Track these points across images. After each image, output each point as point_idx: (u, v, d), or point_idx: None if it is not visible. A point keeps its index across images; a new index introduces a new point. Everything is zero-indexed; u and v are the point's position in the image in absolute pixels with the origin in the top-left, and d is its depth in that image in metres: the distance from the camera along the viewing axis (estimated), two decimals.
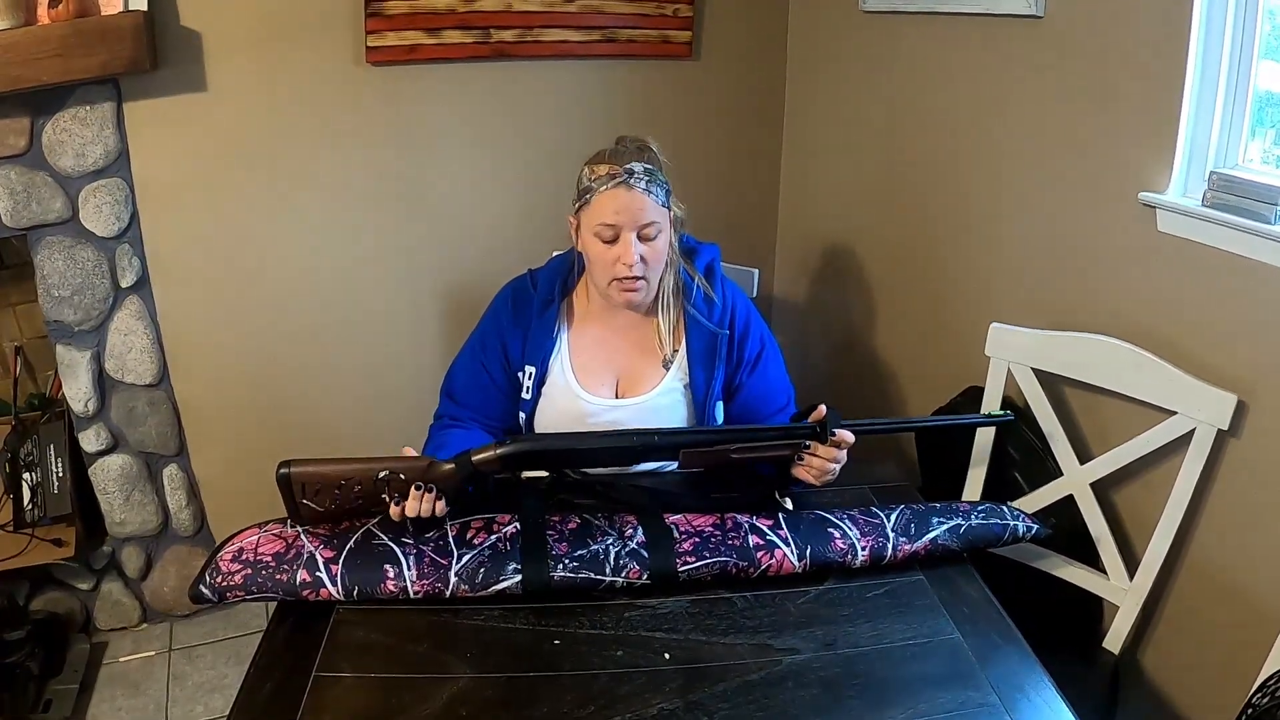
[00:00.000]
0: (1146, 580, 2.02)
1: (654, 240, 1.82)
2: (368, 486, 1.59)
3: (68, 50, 2.29)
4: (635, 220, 1.80)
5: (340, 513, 1.62)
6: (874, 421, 1.86)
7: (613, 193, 1.80)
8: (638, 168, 1.80)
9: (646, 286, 1.87)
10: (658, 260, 1.85)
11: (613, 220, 1.80)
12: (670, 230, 1.88)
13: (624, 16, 2.93)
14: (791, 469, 1.73)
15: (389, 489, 1.59)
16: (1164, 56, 1.95)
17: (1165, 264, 2.03)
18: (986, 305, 2.47)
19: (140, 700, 2.68)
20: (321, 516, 1.61)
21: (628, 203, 1.79)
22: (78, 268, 2.58)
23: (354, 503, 1.60)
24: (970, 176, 2.55)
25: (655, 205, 1.81)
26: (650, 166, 1.83)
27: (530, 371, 1.94)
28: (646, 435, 1.65)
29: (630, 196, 1.79)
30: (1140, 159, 2.04)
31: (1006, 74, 2.38)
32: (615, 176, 1.80)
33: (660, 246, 1.84)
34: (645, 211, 1.80)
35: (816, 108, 3.18)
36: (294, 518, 1.62)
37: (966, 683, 1.43)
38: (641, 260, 1.81)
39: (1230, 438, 1.91)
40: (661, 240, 1.84)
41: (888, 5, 2.73)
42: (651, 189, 1.81)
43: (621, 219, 1.80)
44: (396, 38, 2.70)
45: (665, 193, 1.84)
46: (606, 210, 1.80)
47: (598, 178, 1.81)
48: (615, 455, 1.67)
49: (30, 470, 2.71)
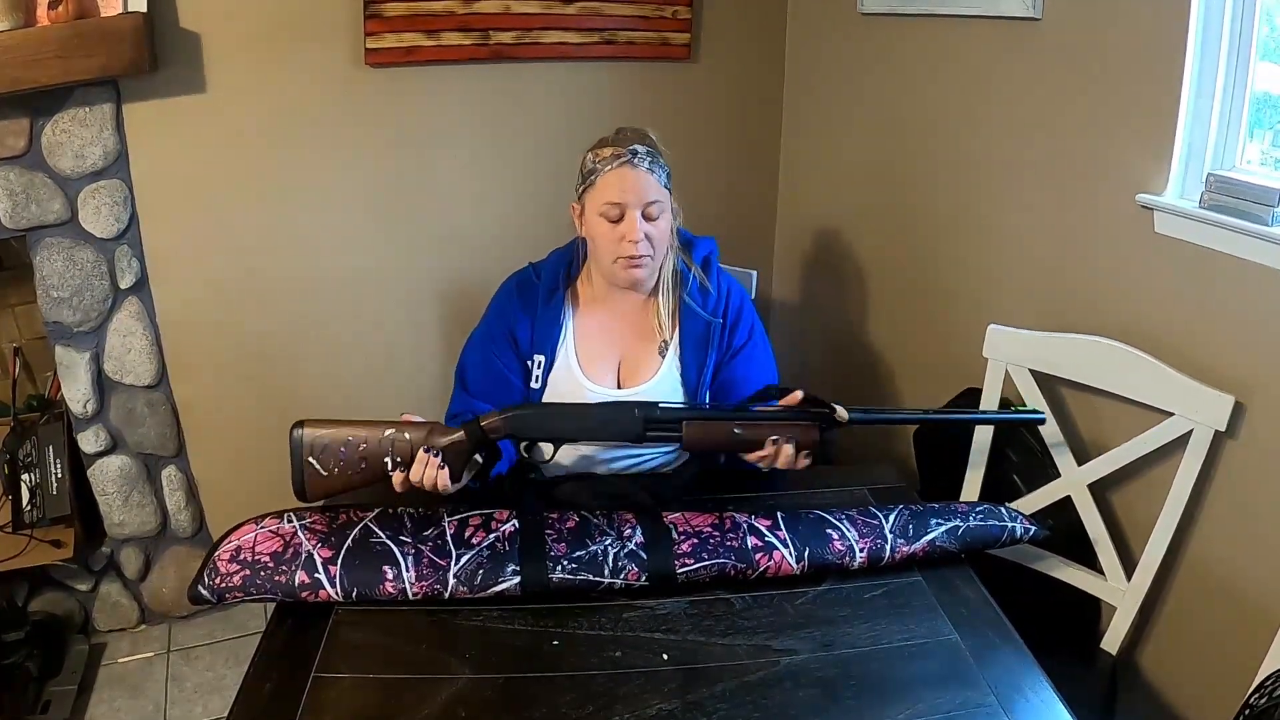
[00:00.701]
0: (1144, 581, 2.03)
1: (657, 220, 1.86)
2: (373, 447, 1.60)
3: (67, 52, 2.30)
4: (640, 198, 1.83)
5: (343, 480, 1.62)
6: (897, 412, 1.86)
7: (618, 172, 1.83)
8: (640, 149, 1.85)
9: (651, 264, 1.90)
10: (661, 239, 1.88)
11: (618, 198, 1.83)
12: (671, 214, 1.91)
13: (623, 19, 2.93)
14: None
15: (393, 451, 1.60)
16: (1162, 58, 1.96)
17: (1162, 265, 2.03)
18: (984, 307, 2.47)
19: (139, 701, 2.68)
20: (325, 483, 1.62)
21: (634, 181, 1.83)
22: (77, 269, 2.58)
23: (359, 466, 1.61)
24: (968, 178, 2.56)
25: (658, 185, 1.86)
26: (652, 149, 1.87)
27: (540, 360, 1.96)
28: (648, 407, 1.67)
29: (635, 175, 1.83)
30: (1138, 161, 2.05)
31: (1005, 76, 2.38)
32: (620, 156, 1.84)
33: (663, 227, 1.87)
34: (649, 189, 1.84)
35: (815, 110, 3.18)
36: (297, 487, 1.63)
37: (964, 683, 1.43)
38: (646, 239, 1.84)
39: (1227, 439, 1.92)
40: (664, 221, 1.87)
41: (886, 7, 2.74)
42: (654, 169, 1.85)
43: (627, 197, 1.83)
44: (395, 39, 2.71)
45: (667, 175, 1.89)
46: (612, 189, 1.84)
47: (602, 159, 1.85)
48: (619, 430, 1.68)
49: (29, 471, 2.71)
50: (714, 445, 1.74)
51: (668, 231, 1.89)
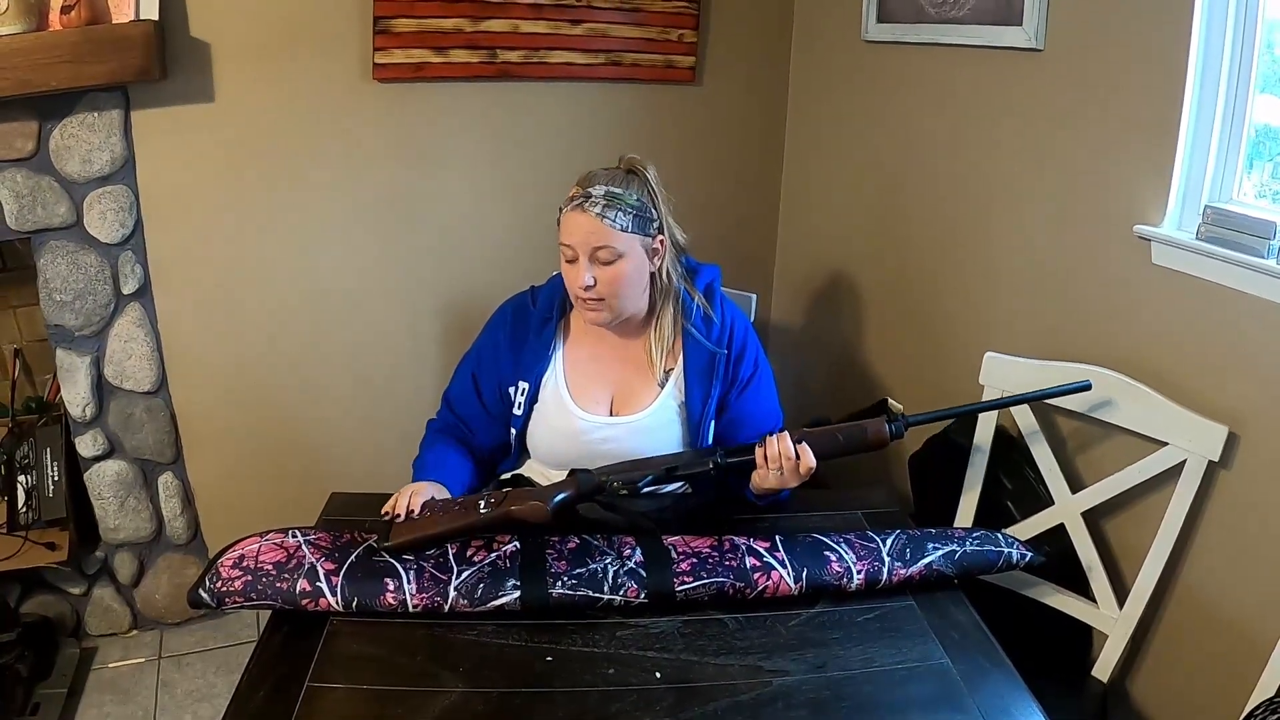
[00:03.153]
0: (1136, 609, 2.04)
1: (610, 264, 1.82)
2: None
3: (78, 57, 2.31)
4: (587, 243, 1.81)
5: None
6: (937, 413, 1.87)
7: (570, 214, 1.83)
8: (597, 191, 1.81)
9: (606, 309, 1.87)
10: (614, 284, 1.84)
11: (568, 241, 1.83)
12: (645, 257, 1.87)
13: (629, 41, 2.96)
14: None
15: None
16: (1161, 91, 1.98)
17: (1159, 296, 2.05)
18: (981, 334, 2.49)
19: (129, 707, 2.68)
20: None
21: (581, 225, 1.81)
22: (80, 273, 2.59)
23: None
24: (967, 206, 2.57)
25: (613, 230, 1.81)
26: (615, 191, 1.82)
27: (524, 388, 1.96)
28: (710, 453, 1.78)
29: (584, 220, 1.81)
30: (1136, 192, 2.06)
31: (1006, 106, 2.40)
32: (575, 198, 1.83)
33: (620, 272, 1.83)
34: (597, 235, 1.81)
35: (817, 135, 3.20)
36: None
37: (955, 707, 1.43)
38: (595, 283, 1.83)
39: (1221, 469, 1.93)
40: (622, 266, 1.83)
41: (889, 36, 2.76)
42: (609, 214, 1.80)
43: (574, 240, 1.82)
44: (404, 55, 2.73)
45: (633, 220, 1.82)
46: (565, 230, 1.84)
47: (567, 198, 1.85)
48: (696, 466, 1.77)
49: (25, 473, 2.72)
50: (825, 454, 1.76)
51: (629, 276, 1.85)
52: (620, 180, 1.85)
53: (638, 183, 1.86)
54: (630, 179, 1.86)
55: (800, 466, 1.71)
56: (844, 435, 1.74)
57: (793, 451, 1.71)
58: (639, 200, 1.84)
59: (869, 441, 1.75)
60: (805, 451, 1.71)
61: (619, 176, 1.86)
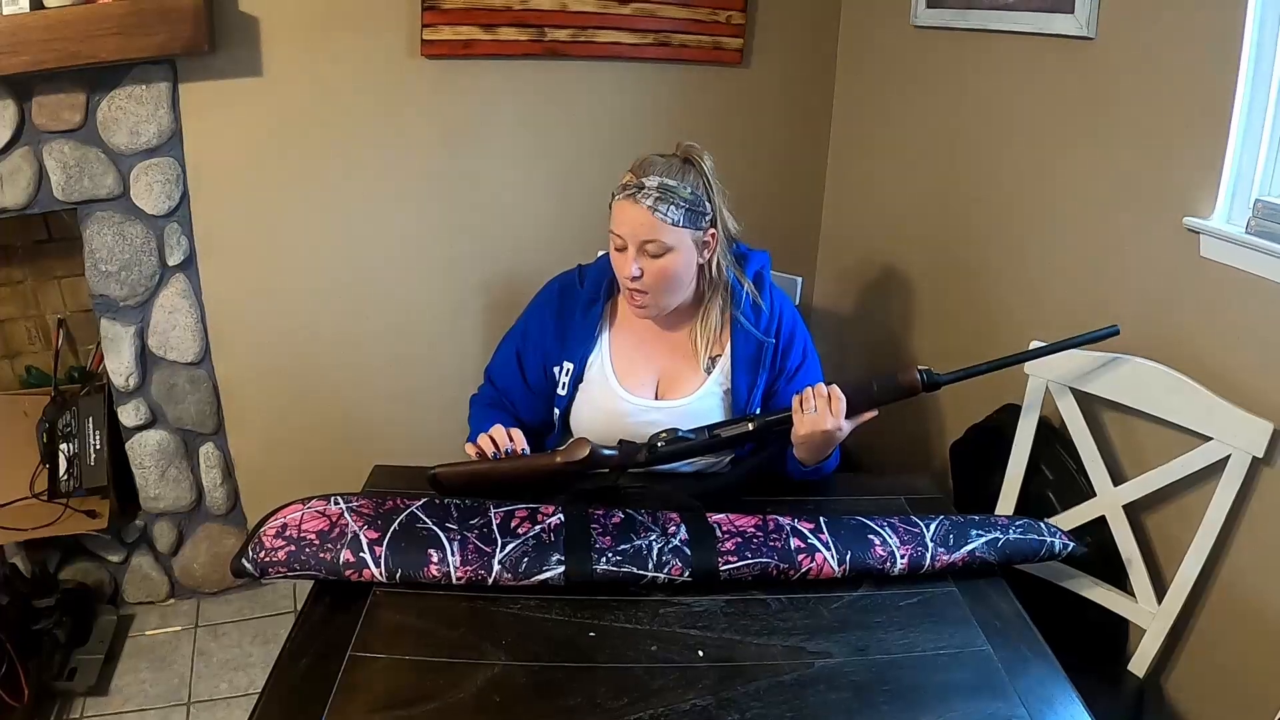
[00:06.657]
0: (1175, 605, 2.02)
1: (658, 258, 1.81)
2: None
3: (126, 29, 2.33)
4: (636, 235, 1.80)
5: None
6: (971, 368, 1.89)
7: (621, 204, 1.82)
8: (651, 183, 1.79)
9: (651, 302, 1.87)
10: (661, 278, 1.83)
11: (618, 230, 1.83)
12: (695, 250, 1.86)
13: (677, 21, 2.95)
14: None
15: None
16: (1213, 82, 1.95)
17: (1207, 289, 2.02)
18: (1027, 322, 2.47)
19: (164, 674, 2.71)
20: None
21: (632, 216, 1.80)
22: (126, 244, 2.62)
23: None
24: (1015, 193, 2.56)
25: (663, 224, 1.79)
26: (669, 184, 1.79)
27: (568, 368, 1.96)
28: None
29: (635, 211, 1.80)
30: (1186, 184, 2.04)
31: (1055, 94, 2.38)
32: (628, 187, 1.81)
33: (666, 266, 1.82)
34: (646, 228, 1.79)
35: (863, 119, 3.19)
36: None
37: (995, 694, 1.43)
38: (641, 274, 1.82)
39: (1264, 466, 1.90)
40: (670, 260, 1.82)
41: (939, 21, 2.74)
42: (660, 208, 1.78)
43: (624, 230, 1.82)
44: (452, 32, 2.73)
45: (685, 213, 1.80)
46: (616, 219, 1.83)
47: (621, 184, 1.83)
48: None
49: (68, 441, 2.75)
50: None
51: (677, 270, 1.84)
52: (676, 171, 1.82)
53: (694, 173, 1.84)
54: (686, 169, 1.84)
55: (832, 405, 1.74)
56: (876, 382, 1.79)
57: (824, 391, 1.74)
58: (693, 193, 1.82)
59: (900, 385, 1.79)
60: (835, 390, 1.75)
61: (674, 166, 1.83)
